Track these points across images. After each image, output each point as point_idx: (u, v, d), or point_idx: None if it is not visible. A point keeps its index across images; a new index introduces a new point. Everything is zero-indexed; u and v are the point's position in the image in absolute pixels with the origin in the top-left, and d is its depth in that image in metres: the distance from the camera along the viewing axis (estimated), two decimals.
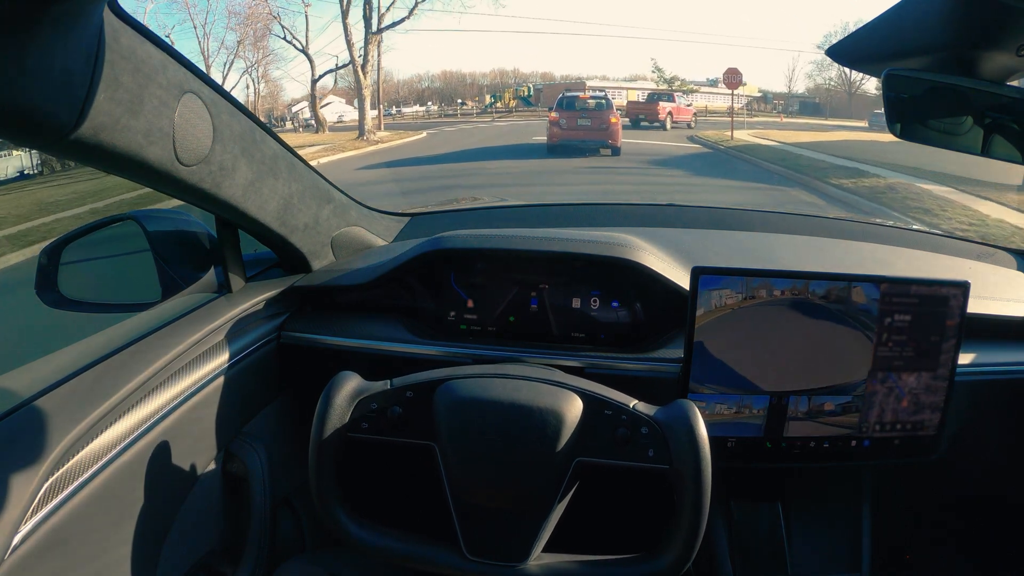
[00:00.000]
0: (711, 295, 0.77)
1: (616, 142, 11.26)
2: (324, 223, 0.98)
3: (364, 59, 16.44)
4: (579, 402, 0.63)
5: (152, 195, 0.77)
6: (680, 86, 31.28)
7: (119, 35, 0.55)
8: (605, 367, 0.86)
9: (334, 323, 0.95)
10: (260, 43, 18.52)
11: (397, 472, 1.02)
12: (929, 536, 1.08)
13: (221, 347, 0.82)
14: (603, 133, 11.26)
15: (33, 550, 0.57)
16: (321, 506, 0.64)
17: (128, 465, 0.67)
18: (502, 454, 0.62)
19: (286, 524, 0.94)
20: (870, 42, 0.66)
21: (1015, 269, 1.12)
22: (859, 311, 0.78)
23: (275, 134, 0.84)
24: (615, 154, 11.13)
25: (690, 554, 0.60)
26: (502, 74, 37.57)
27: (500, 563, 0.62)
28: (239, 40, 18.98)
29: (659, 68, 31.54)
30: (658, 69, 31.38)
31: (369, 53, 16.40)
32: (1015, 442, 0.94)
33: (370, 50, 16.39)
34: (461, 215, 1.38)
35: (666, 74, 30.99)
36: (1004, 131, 0.64)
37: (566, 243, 0.90)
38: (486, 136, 15.48)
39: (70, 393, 0.65)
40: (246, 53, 19.30)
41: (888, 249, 1.12)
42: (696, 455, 0.59)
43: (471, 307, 0.94)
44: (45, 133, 0.52)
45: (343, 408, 0.63)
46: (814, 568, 0.95)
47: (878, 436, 0.82)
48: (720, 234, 1.17)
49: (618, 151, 11.18)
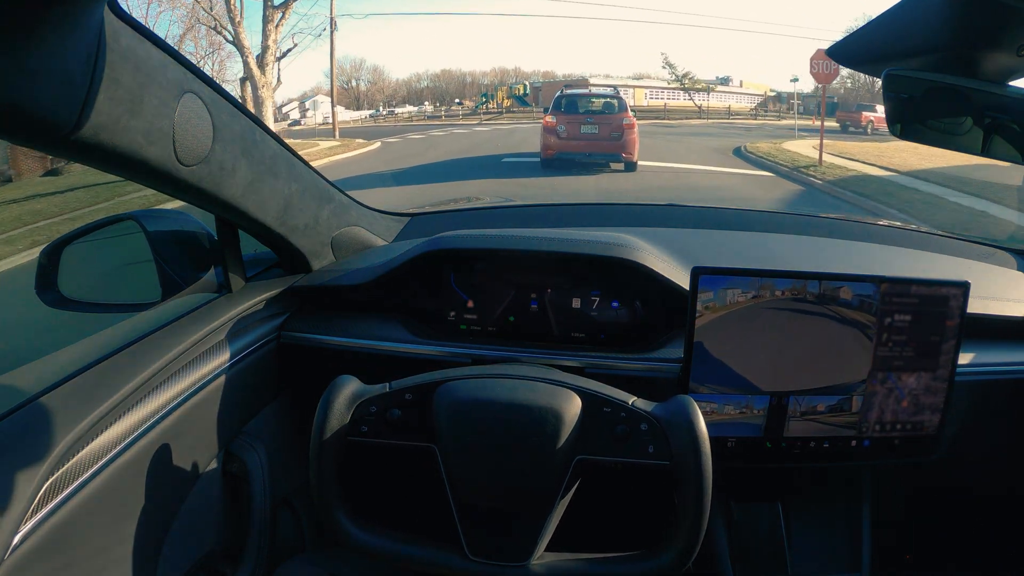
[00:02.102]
0: (718, 295, 0.77)
1: (632, 155, 8.76)
2: (324, 223, 0.98)
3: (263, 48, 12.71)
4: (578, 400, 0.63)
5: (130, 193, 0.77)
6: (692, 84, 29.38)
7: (119, 35, 0.55)
8: (605, 367, 0.86)
9: (334, 323, 0.95)
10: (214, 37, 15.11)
11: (397, 473, 1.02)
12: (929, 536, 1.08)
13: (221, 347, 0.82)
14: (615, 144, 8.68)
15: (33, 549, 0.57)
16: (322, 510, 0.64)
17: (128, 465, 0.67)
18: (502, 454, 0.62)
19: (286, 524, 0.94)
20: (870, 42, 0.66)
21: (1015, 269, 1.12)
22: (859, 311, 0.78)
23: (275, 134, 0.85)
24: (629, 169, 8.77)
25: (692, 550, 0.60)
26: (503, 73, 37.48)
27: (502, 563, 0.62)
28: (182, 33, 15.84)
29: (670, 64, 29.55)
30: (669, 65, 29.48)
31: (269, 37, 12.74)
32: (1015, 442, 0.94)
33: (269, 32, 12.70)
34: (461, 215, 1.38)
35: (678, 70, 29.15)
36: (1004, 131, 0.64)
37: (566, 243, 0.90)
38: (457, 147, 12.65)
39: (70, 393, 0.65)
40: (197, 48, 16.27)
41: (888, 249, 1.12)
42: (696, 450, 0.59)
43: (471, 307, 0.94)
44: (45, 133, 0.52)
45: (342, 412, 0.63)
46: (814, 568, 0.95)
47: (878, 436, 0.82)
48: (720, 234, 1.17)
49: (634, 166, 8.79)
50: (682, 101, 29.57)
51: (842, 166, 9.57)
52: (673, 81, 29.59)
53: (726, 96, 30.49)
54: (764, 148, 11.97)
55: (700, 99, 29.32)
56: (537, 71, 37.82)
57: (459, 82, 37.25)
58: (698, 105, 28.76)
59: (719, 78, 31.10)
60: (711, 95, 29.89)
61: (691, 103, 29.18)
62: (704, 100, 29.23)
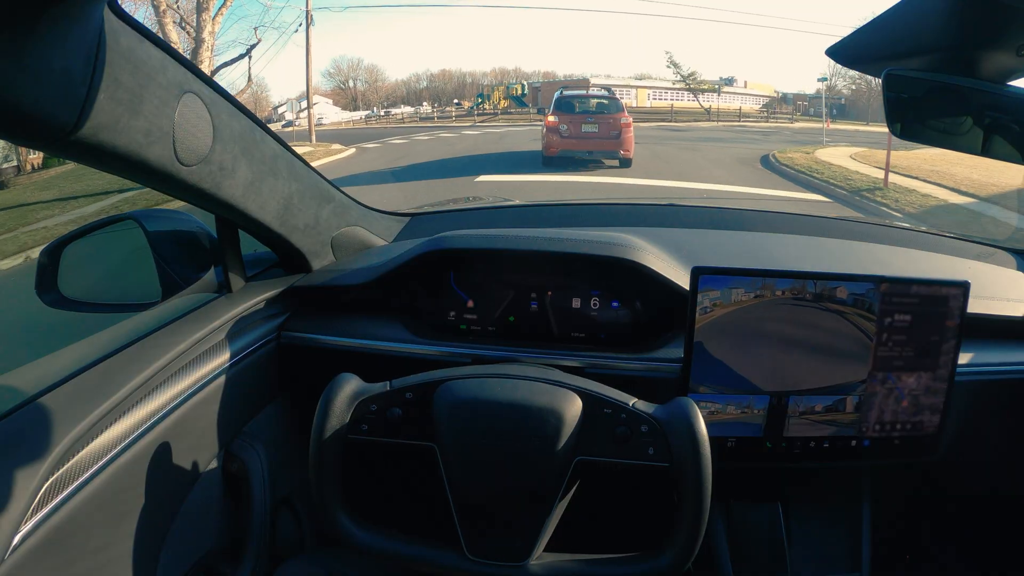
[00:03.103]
0: (722, 294, 0.77)
1: (629, 152, 9.23)
2: (324, 223, 0.98)
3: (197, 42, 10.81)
4: (578, 401, 0.63)
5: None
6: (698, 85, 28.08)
7: (119, 35, 0.55)
8: (605, 367, 0.86)
9: (334, 323, 0.95)
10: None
11: (397, 473, 1.02)
12: (929, 536, 1.08)
13: (221, 347, 0.82)
14: (614, 142, 9.16)
15: (33, 549, 0.57)
16: (322, 509, 0.64)
17: (128, 465, 0.67)
18: (502, 454, 0.62)
19: (286, 524, 0.94)
20: (870, 42, 0.66)
21: (1015, 269, 1.12)
22: (859, 311, 0.78)
23: (275, 134, 0.85)
24: (624, 166, 9.22)
25: (691, 551, 0.60)
26: (503, 73, 37.47)
27: (501, 563, 0.62)
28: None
29: (675, 63, 28.35)
30: (674, 64, 28.32)
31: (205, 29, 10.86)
32: (1015, 442, 0.94)
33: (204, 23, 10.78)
34: (461, 215, 1.38)
35: (683, 70, 27.87)
36: (1004, 131, 0.64)
37: (566, 243, 0.90)
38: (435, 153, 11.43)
39: (71, 393, 0.65)
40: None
41: (888, 249, 1.12)
42: (696, 452, 0.59)
43: (471, 307, 0.94)
44: (45, 133, 0.52)
45: (342, 410, 0.63)
46: (814, 568, 0.95)
47: (878, 436, 0.82)
48: (720, 234, 1.17)
49: (629, 163, 9.27)
50: (687, 102, 28.65)
51: (909, 188, 7.63)
52: (678, 81, 28.59)
53: (731, 97, 29.62)
54: (799, 159, 10.09)
55: (705, 100, 28.28)
56: (538, 71, 37.78)
57: (458, 82, 37.29)
58: (705, 107, 27.80)
59: (722, 79, 30.28)
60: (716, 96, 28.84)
61: (696, 104, 28.19)
62: (710, 101, 28.20)
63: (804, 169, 9.29)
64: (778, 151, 11.21)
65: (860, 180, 8.24)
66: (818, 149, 11.47)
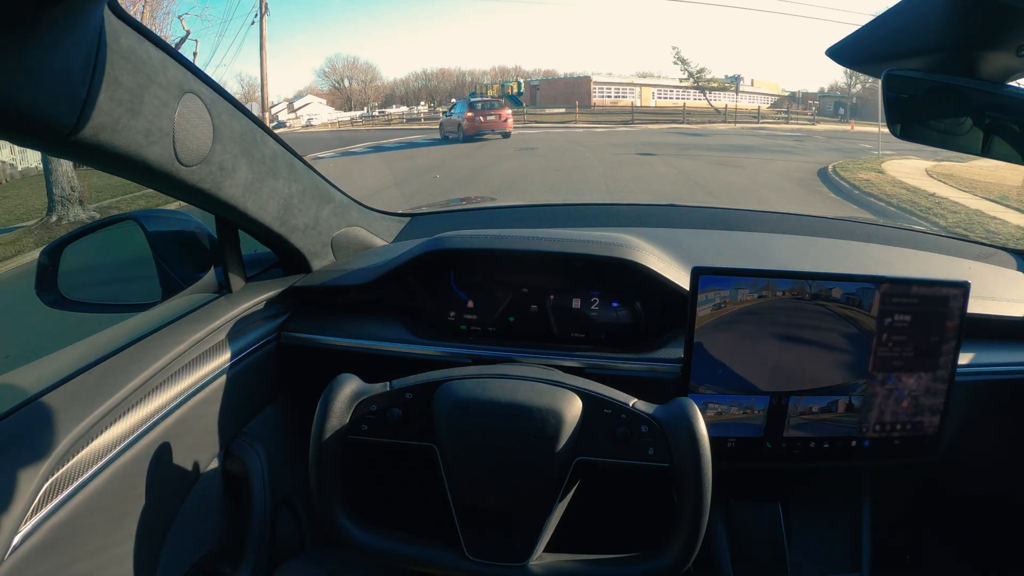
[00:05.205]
0: (730, 293, 0.77)
1: (508, 128, 16.22)
2: (324, 223, 0.98)
3: None
4: (578, 401, 0.63)
5: None
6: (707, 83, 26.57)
7: (119, 35, 0.55)
8: (605, 367, 0.86)
9: (334, 323, 0.95)
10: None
11: (397, 473, 1.02)
12: (929, 536, 1.08)
13: (221, 347, 0.82)
14: (503, 124, 16.14)
15: (33, 550, 0.57)
16: (322, 509, 0.64)
17: (128, 465, 0.67)
18: (502, 454, 0.62)
19: (286, 524, 0.94)
20: (870, 42, 0.66)
21: (1015, 269, 1.12)
22: (859, 311, 0.78)
23: (275, 134, 0.85)
24: (505, 137, 15.97)
25: (691, 552, 0.60)
26: (503, 72, 37.40)
27: (501, 563, 0.62)
28: None
29: (683, 59, 27.12)
30: (681, 60, 27.07)
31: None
32: (1015, 442, 0.94)
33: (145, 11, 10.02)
34: (461, 215, 1.38)
35: (691, 66, 26.63)
36: (1004, 131, 0.64)
37: (566, 243, 0.90)
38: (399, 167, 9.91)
39: (71, 393, 0.65)
40: None
41: (888, 249, 1.12)
42: (696, 452, 0.59)
43: (471, 307, 0.94)
44: (45, 133, 0.52)
45: (342, 410, 0.63)
46: (814, 569, 0.95)
47: (878, 436, 0.82)
48: (720, 234, 1.17)
49: (508, 135, 16.09)
50: (694, 101, 27.29)
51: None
52: (686, 79, 27.33)
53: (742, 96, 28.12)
54: (875, 180, 7.63)
55: (714, 99, 26.82)
56: (538, 70, 37.57)
57: (457, 81, 37.25)
58: (715, 107, 26.27)
59: (728, 77, 29.07)
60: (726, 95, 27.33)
61: (705, 103, 26.80)
62: (719, 100, 26.69)
63: (894, 199, 6.70)
64: (838, 166, 9.01)
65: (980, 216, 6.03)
66: (883, 162, 9.42)
